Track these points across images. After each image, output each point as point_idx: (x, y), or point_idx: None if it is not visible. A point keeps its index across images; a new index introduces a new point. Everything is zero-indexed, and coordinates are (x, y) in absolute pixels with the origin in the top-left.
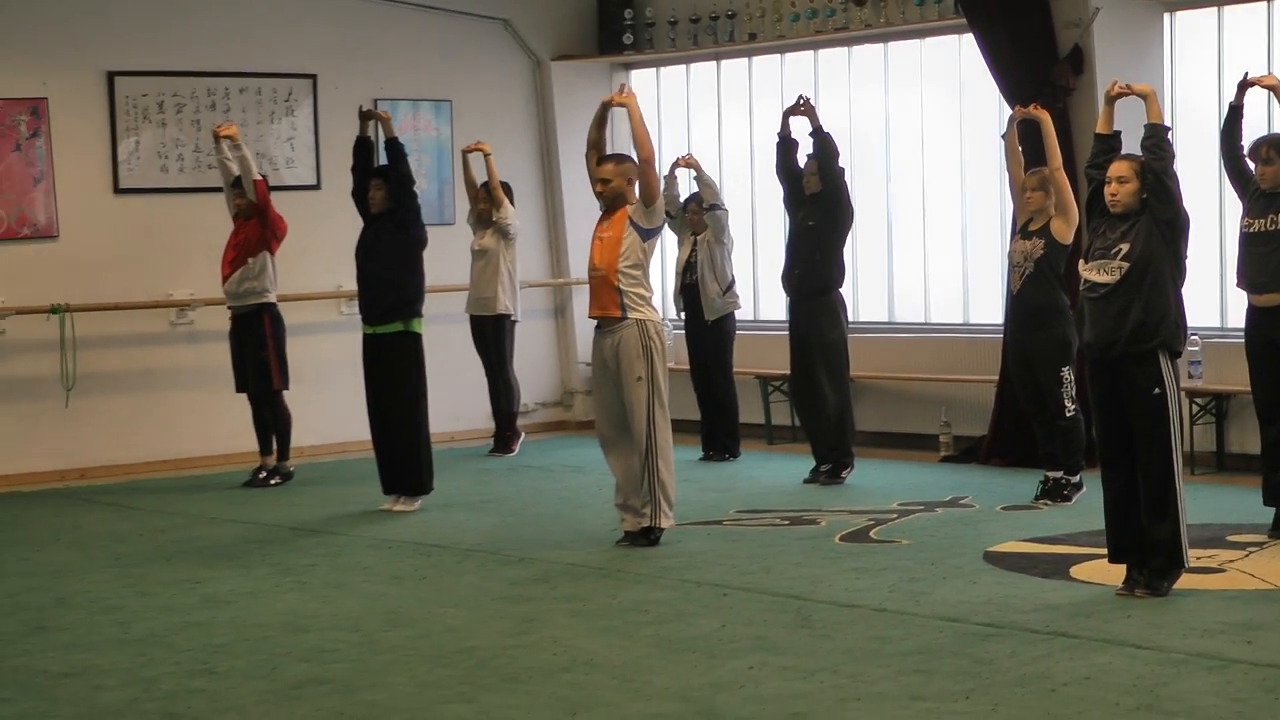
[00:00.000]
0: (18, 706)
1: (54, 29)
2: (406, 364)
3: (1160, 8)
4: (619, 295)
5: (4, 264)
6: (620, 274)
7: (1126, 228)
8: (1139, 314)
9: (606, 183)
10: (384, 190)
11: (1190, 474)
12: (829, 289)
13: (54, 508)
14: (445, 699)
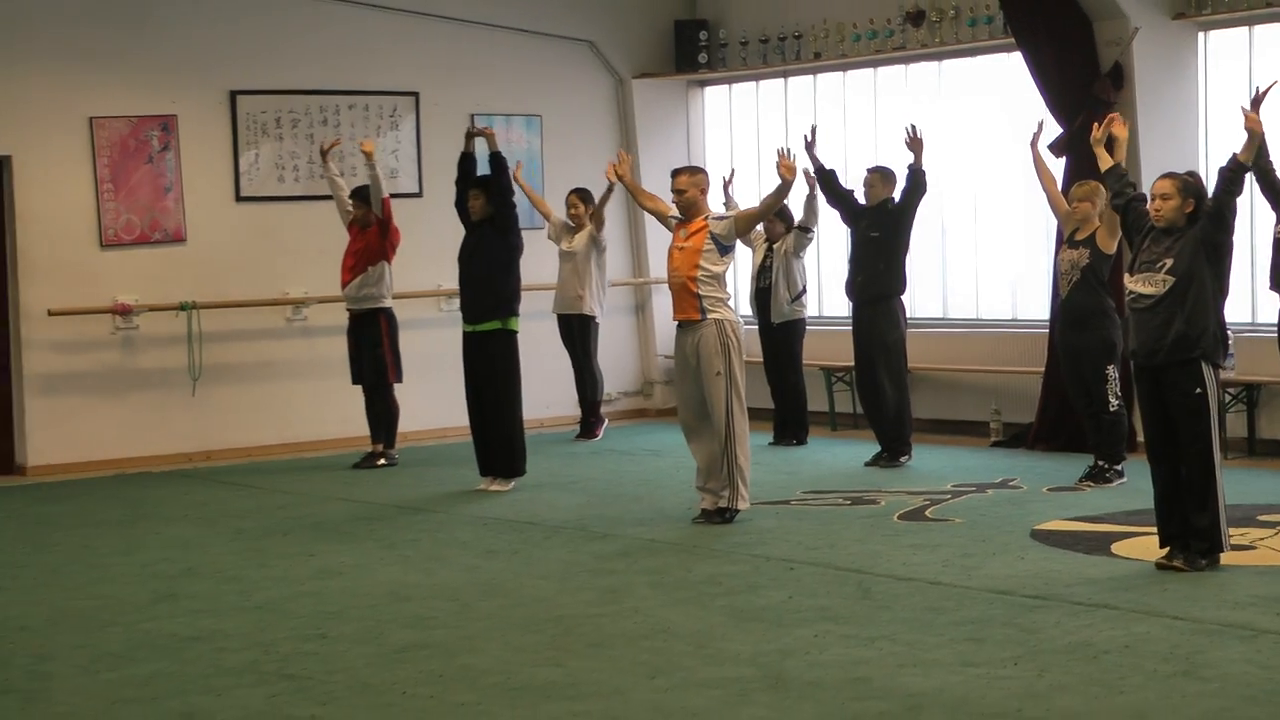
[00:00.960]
0: (151, 666)
1: (183, 53)
2: (503, 359)
3: (1195, 27)
4: (698, 300)
5: (138, 266)
6: (699, 282)
7: (1170, 242)
8: (1181, 326)
9: (681, 193)
10: (483, 199)
11: (1223, 458)
12: (890, 296)
13: (182, 487)
14: (535, 663)
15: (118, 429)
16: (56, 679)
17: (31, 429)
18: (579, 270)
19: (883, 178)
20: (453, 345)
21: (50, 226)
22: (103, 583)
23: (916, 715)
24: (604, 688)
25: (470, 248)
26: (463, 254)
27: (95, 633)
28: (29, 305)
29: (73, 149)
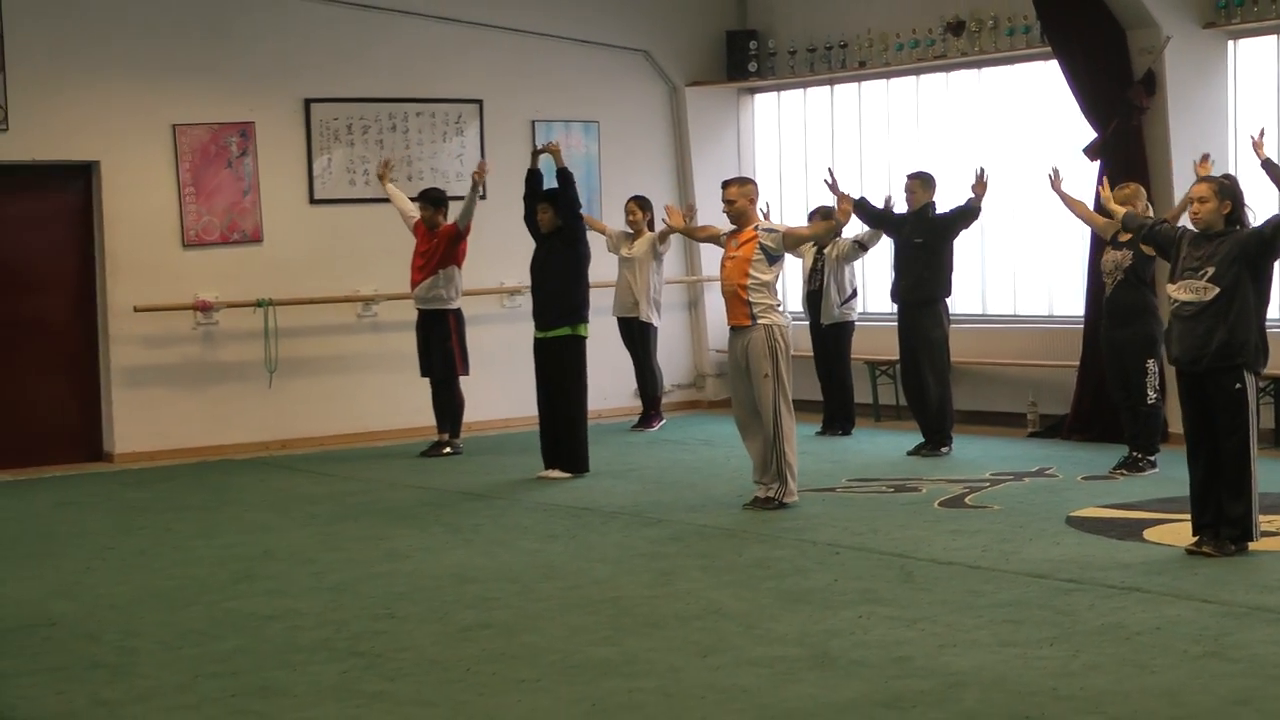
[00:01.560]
0: (231, 643)
1: (261, 64)
2: (572, 363)
3: (1224, 35)
4: (749, 307)
5: (217, 265)
6: (749, 289)
7: (1211, 247)
8: (1224, 335)
9: (731, 203)
10: (551, 212)
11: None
12: (935, 300)
13: (259, 474)
14: (593, 642)
15: (199, 419)
16: (142, 654)
17: (119, 419)
18: (638, 276)
19: (923, 183)
20: (513, 339)
21: (136, 228)
22: (185, 564)
23: (957, 693)
24: (658, 665)
25: (540, 260)
26: (534, 265)
27: (179, 611)
28: (116, 302)
29: (157, 154)
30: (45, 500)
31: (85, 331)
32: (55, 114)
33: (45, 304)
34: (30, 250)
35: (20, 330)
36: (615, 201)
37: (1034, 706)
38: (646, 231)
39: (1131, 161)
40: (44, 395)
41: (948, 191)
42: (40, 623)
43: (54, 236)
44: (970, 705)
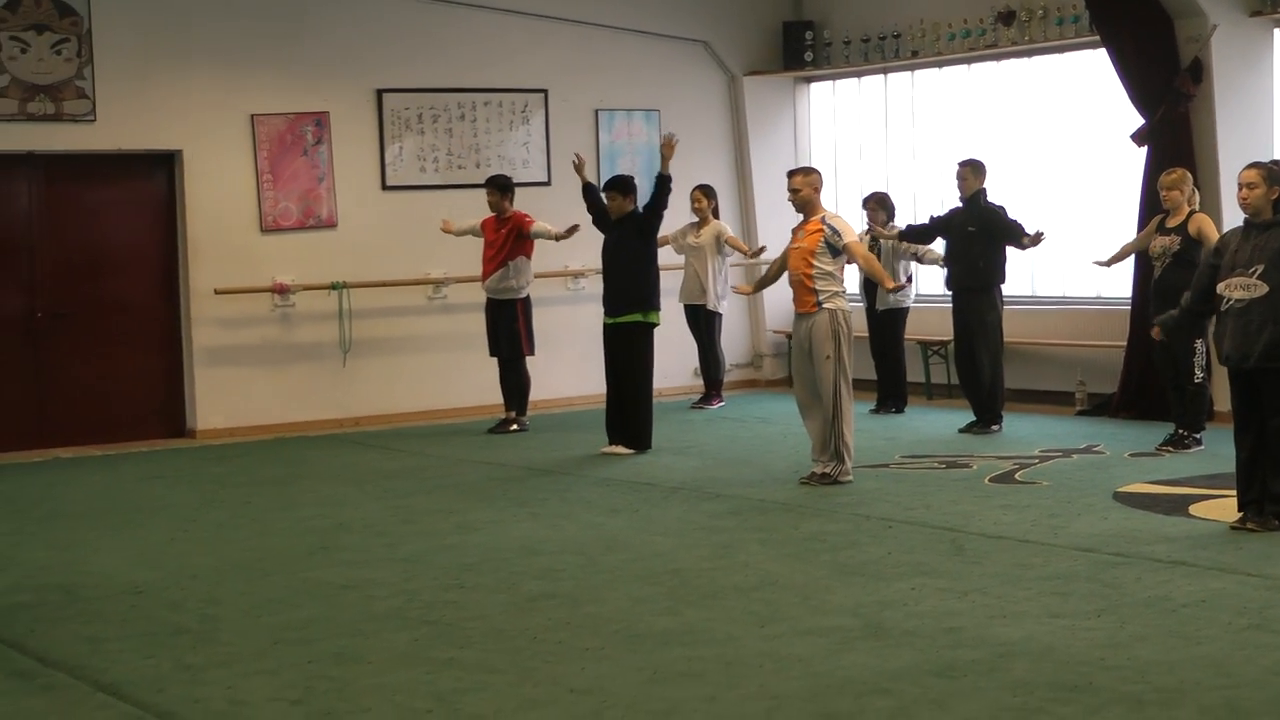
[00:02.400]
0: (308, 612)
1: (335, 55)
2: (640, 349)
3: (1270, 24)
4: (815, 294)
5: (294, 249)
6: (814, 278)
7: (1262, 240)
8: (1273, 331)
9: (796, 192)
10: (620, 199)
11: None
12: (989, 287)
13: (334, 450)
14: (654, 612)
15: (276, 397)
16: (224, 621)
17: (200, 397)
18: (704, 264)
19: (974, 170)
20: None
21: (216, 214)
22: (264, 536)
23: (1006, 663)
24: (717, 635)
25: (611, 247)
26: (605, 252)
27: (258, 580)
28: (198, 285)
29: (236, 143)
30: (132, 474)
31: (169, 313)
32: (140, 106)
33: (131, 287)
34: (117, 236)
35: (108, 313)
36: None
37: (1081, 676)
38: (712, 220)
39: (1178, 148)
40: (130, 375)
41: (998, 179)
42: (128, 591)
43: (139, 223)
44: (1019, 674)
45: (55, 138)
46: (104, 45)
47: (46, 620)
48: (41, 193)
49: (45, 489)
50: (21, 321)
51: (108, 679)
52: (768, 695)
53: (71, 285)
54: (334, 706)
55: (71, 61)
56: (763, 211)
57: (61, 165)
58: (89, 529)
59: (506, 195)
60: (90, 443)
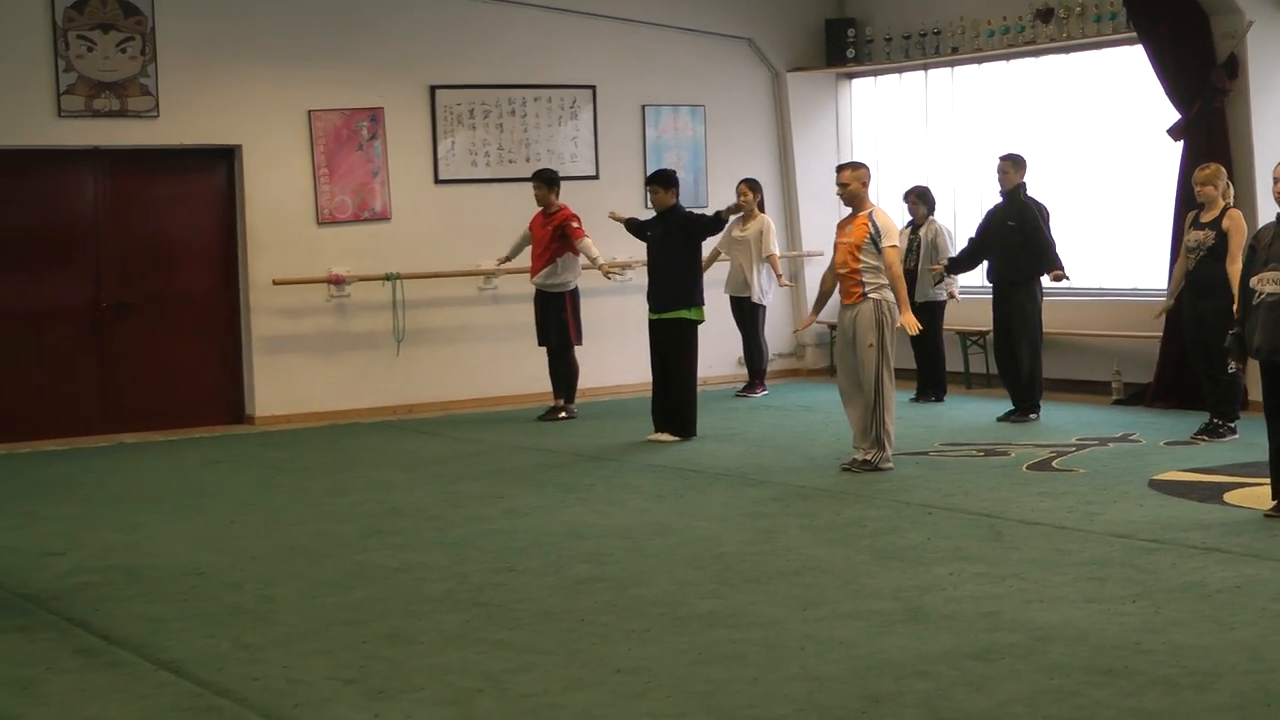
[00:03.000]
0: (361, 594)
1: (389, 53)
2: (684, 343)
3: None
4: (861, 286)
5: (349, 241)
6: (861, 271)
7: None
8: None
9: (845, 186)
10: (662, 193)
11: None
12: (1029, 279)
13: (387, 436)
14: (699, 595)
15: (332, 385)
16: (281, 602)
17: (259, 384)
18: (749, 257)
19: (1014, 164)
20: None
21: (274, 207)
22: (319, 519)
23: (1043, 646)
24: (760, 618)
25: (656, 244)
26: (649, 249)
27: (313, 563)
28: (256, 276)
29: (293, 138)
30: (193, 459)
31: (229, 303)
32: (201, 102)
33: (192, 278)
34: (179, 228)
35: (170, 302)
36: (720, 181)
37: (1117, 660)
38: (757, 213)
39: (1214, 143)
40: (191, 362)
41: (1037, 173)
42: (189, 572)
43: (200, 215)
44: (1056, 658)
45: (120, 133)
46: (167, 44)
47: (111, 600)
48: (107, 186)
49: (110, 473)
50: (87, 311)
51: (169, 657)
52: (809, 677)
53: (135, 276)
54: (387, 685)
55: (136, 59)
56: (806, 205)
57: (126, 160)
58: (152, 512)
59: (553, 189)
60: (153, 428)
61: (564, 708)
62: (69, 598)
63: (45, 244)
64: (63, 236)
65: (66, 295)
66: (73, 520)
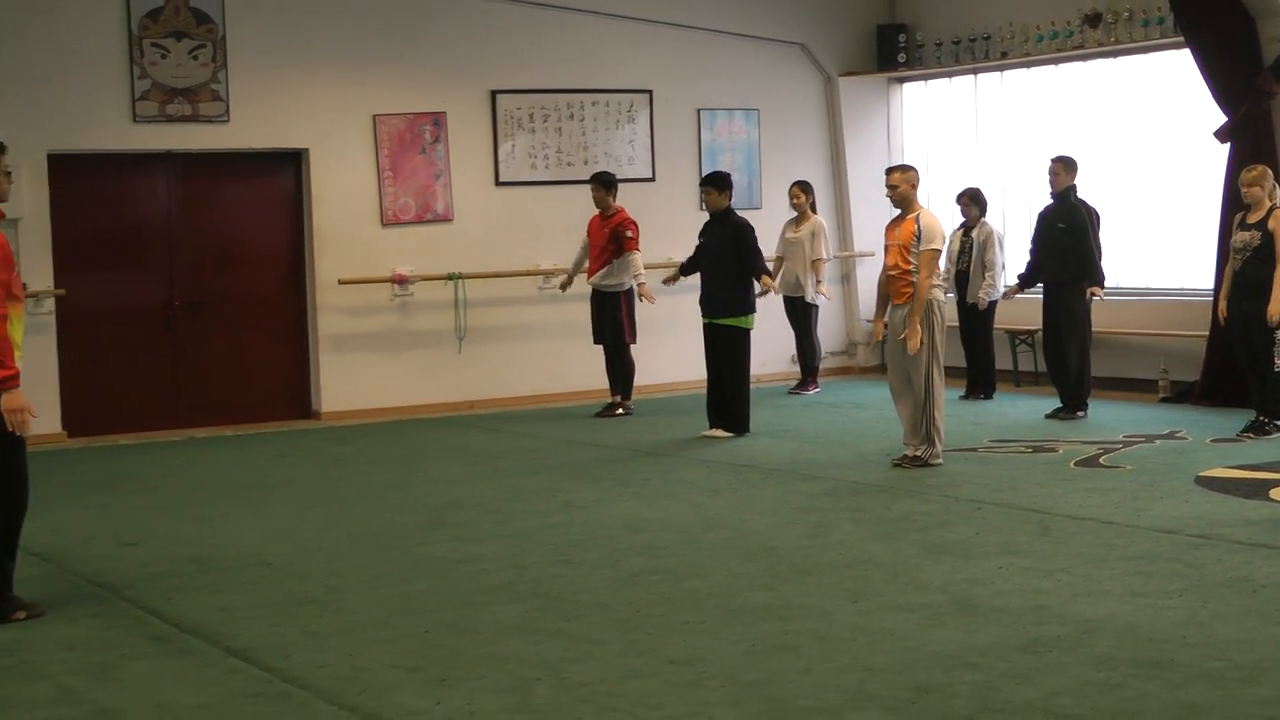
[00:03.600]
0: (423, 584)
1: (451, 59)
2: (736, 348)
3: None
4: (913, 286)
5: (413, 242)
6: (911, 271)
7: None
8: None
9: (895, 189)
10: (714, 195)
11: None
12: (1079, 280)
13: (449, 431)
14: (751, 587)
15: (395, 381)
16: (346, 592)
17: (325, 381)
18: (803, 259)
19: (1065, 166)
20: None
21: (340, 208)
22: (383, 512)
23: (1090, 639)
24: (812, 610)
25: (708, 249)
26: (702, 251)
27: (377, 554)
28: (323, 275)
29: (358, 142)
30: (262, 453)
31: (296, 302)
32: (270, 107)
33: (261, 277)
34: (248, 229)
35: (240, 301)
36: (773, 182)
37: (1163, 653)
38: (810, 214)
39: (1259, 145)
40: (260, 359)
41: (1085, 175)
42: (257, 562)
43: (268, 217)
44: (1103, 650)
45: (192, 137)
46: (237, 51)
47: (182, 589)
48: (179, 189)
49: (182, 466)
50: (160, 309)
51: (238, 644)
52: (860, 667)
53: (206, 275)
54: (448, 673)
55: (207, 66)
56: (858, 207)
57: (197, 163)
58: (221, 504)
59: (610, 191)
60: (223, 423)
61: (620, 696)
62: (143, 586)
63: (120, 244)
64: (137, 237)
65: (140, 294)
66: (146, 512)
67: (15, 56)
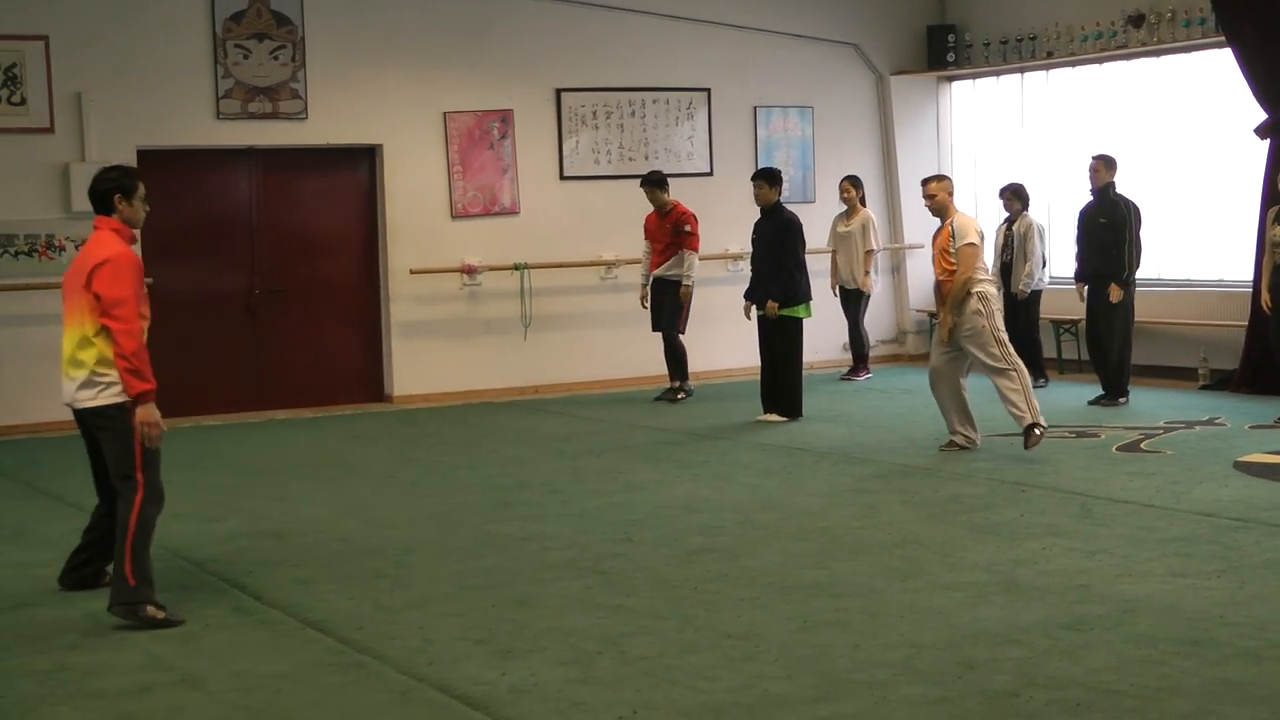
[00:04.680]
0: (490, 561)
1: (518, 58)
2: (790, 337)
3: None
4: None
5: (481, 234)
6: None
7: None
8: None
9: (932, 198)
10: (765, 190)
11: None
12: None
13: (515, 415)
14: (804, 566)
15: (464, 366)
16: (417, 568)
17: (397, 366)
18: (854, 251)
19: (1105, 164)
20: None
21: (411, 202)
22: (452, 491)
23: (1131, 618)
24: (862, 588)
25: (760, 243)
26: (755, 245)
27: (447, 531)
28: (395, 265)
29: (429, 138)
30: (337, 435)
31: (370, 291)
32: (346, 105)
33: (337, 267)
34: (325, 221)
35: (317, 289)
36: (826, 177)
37: (1202, 631)
38: (860, 208)
39: None
40: (336, 345)
41: (1128, 172)
42: (333, 539)
43: (344, 209)
44: (1143, 629)
45: (272, 133)
46: (315, 51)
47: (262, 563)
48: (260, 182)
49: (262, 446)
50: (242, 297)
51: (315, 616)
52: (908, 644)
53: (285, 265)
54: (514, 646)
55: (287, 66)
56: (907, 200)
57: (277, 158)
58: (299, 482)
59: (662, 188)
60: (301, 405)
61: (678, 669)
62: (225, 561)
63: (204, 236)
64: (220, 229)
65: (223, 283)
66: (228, 490)
67: (110, 59)
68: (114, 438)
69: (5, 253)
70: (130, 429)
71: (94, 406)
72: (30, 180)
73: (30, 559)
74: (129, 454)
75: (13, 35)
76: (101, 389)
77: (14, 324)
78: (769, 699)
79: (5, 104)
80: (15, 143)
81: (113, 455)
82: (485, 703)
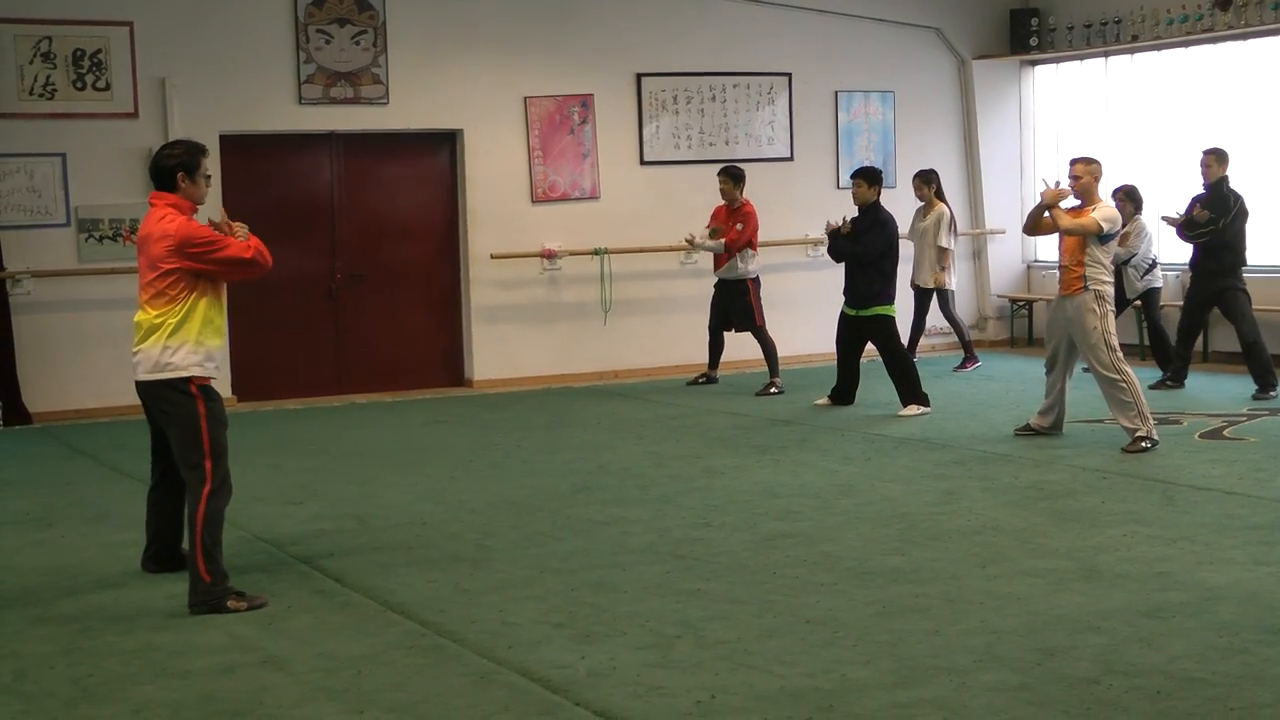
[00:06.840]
0: (570, 545)
1: (599, 43)
2: (888, 334)
3: None
4: (1084, 280)
5: (562, 218)
6: (1085, 264)
7: None
8: None
9: (1077, 179)
10: (864, 189)
11: None
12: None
13: (595, 400)
14: (884, 552)
15: (544, 351)
16: (496, 551)
17: (477, 350)
18: (931, 247)
19: (1218, 158)
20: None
21: (492, 186)
22: (532, 476)
23: (1212, 605)
24: (942, 574)
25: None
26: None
27: (526, 516)
28: (476, 250)
29: (510, 123)
30: (417, 419)
31: (451, 275)
32: (427, 90)
33: (418, 251)
34: (406, 206)
35: (398, 274)
36: (908, 163)
37: None
38: (936, 203)
39: None
40: (416, 329)
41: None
42: (413, 523)
43: (425, 194)
44: (1225, 617)
45: (354, 118)
46: (396, 36)
47: (343, 546)
48: (342, 167)
49: (343, 430)
50: (324, 281)
51: (396, 599)
52: (988, 630)
53: (367, 249)
54: (593, 630)
55: (368, 51)
56: (990, 186)
57: (359, 143)
58: (380, 466)
59: (739, 185)
60: (381, 390)
61: (756, 654)
62: (307, 543)
63: (287, 219)
64: (302, 213)
65: (306, 267)
66: (311, 473)
67: (193, 44)
68: (180, 424)
69: (90, 237)
70: (196, 414)
71: (161, 379)
72: (114, 165)
73: (116, 540)
74: (197, 441)
75: (98, 20)
76: (167, 365)
77: (99, 308)
78: (847, 684)
79: (90, 89)
80: (100, 128)
81: (179, 443)
82: (564, 686)
